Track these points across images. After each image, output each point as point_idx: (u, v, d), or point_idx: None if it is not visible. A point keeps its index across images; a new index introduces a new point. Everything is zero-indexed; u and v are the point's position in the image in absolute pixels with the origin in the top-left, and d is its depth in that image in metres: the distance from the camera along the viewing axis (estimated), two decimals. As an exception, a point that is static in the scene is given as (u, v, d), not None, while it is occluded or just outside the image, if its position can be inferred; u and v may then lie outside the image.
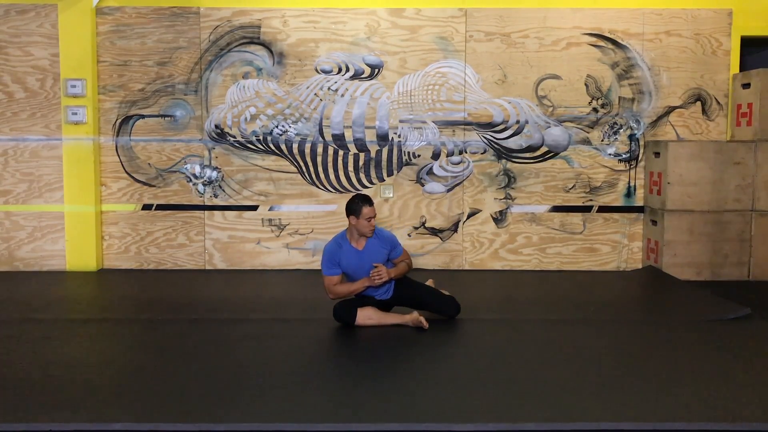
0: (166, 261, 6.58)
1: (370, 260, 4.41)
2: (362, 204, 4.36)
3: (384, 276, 4.36)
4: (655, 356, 3.91)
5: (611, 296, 5.56)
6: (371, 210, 4.36)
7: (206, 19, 6.41)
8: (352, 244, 4.45)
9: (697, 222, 6.11)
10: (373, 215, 4.38)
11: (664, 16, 6.43)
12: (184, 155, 6.51)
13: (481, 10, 6.42)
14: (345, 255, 4.43)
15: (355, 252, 4.43)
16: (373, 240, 4.45)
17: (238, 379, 3.49)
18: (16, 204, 6.46)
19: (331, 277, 4.44)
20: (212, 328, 4.48)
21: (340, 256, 4.43)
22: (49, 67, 6.38)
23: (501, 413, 3.08)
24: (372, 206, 4.39)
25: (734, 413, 3.09)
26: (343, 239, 4.48)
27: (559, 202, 6.56)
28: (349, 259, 4.43)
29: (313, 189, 6.54)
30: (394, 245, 4.51)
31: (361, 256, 4.43)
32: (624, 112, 6.50)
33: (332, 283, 4.45)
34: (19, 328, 4.42)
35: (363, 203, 4.36)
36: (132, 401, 3.19)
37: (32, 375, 3.55)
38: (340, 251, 4.43)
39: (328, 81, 6.45)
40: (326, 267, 4.45)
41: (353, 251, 4.43)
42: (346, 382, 3.53)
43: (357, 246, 4.45)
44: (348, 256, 4.43)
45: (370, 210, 4.36)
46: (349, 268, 4.44)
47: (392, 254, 4.51)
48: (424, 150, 6.51)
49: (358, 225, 4.38)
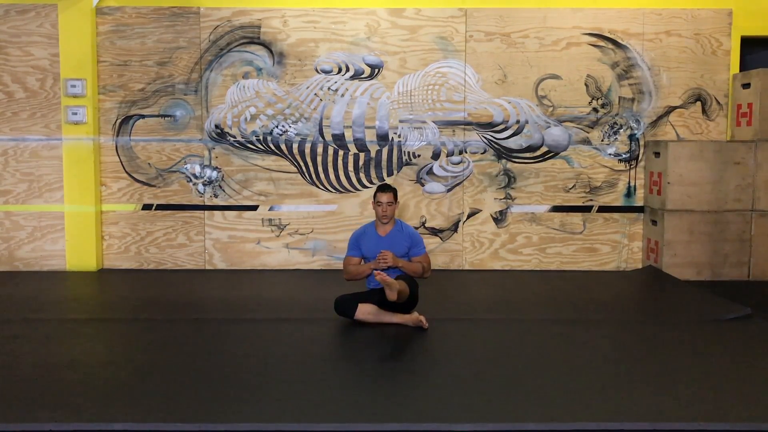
0: (166, 261, 6.58)
1: (390, 248, 4.59)
2: (378, 190, 4.68)
3: (389, 261, 4.50)
4: (655, 356, 3.91)
5: (611, 296, 5.56)
6: (384, 195, 4.63)
7: (206, 19, 6.41)
8: (377, 231, 4.70)
9: (697, 222, 6.11)
10: (387, 201, 4.61)
11: (664, 16, 6.43)
12: (184, 155, 6.51)
13: (481, 10, 6.42)
14: (367, 239, 4.68)
15: (377, 237, 4.67)
16: (397, 231, 4.69)
17: (238, 379, 3.49)
18: (16, 204, 6.46)
19: (350, 258, 4.72)
20: (212, 328, 4.48)
21: (362, 240, 4.69)
22: (49, 67, 6.38)
23: (501, 413, 3.08)
24: (387, 192, 4.64)
25: (734, 413, 3.09)
26: (371, 225, 4.77)
27: (559, 202, 6.56)
28: (369, 243, 4.66)
29: (313, 189, 6.54)
30: (416, 243, 4.70)
31: (382, 241, 4.65)
32: (624, 112, 6.50)
33: (348, 263, 4.72)
34: (19, 328, 4.41)
35: (379, 189, 4.69)
36: (132, 401, 3.19)
37: (32, 375, 3.55)
38: (363, 235, 4.71)
39: (328, 81, 6.45)
40: (349, 248, 4.75)
41: (375, 236, 4.68)
42: (347, 382, 3.53)
43: (380, 232, 4.69)
44: (369, 240, 4.67)
45: (383, 195, 4.63)
46: (369, 251, 4.66)
47: (412, 251, 4.69)
48: (424, 150, 6.51)
49: (375, 209, 4.68)
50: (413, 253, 4.68)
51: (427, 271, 4.72)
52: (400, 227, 4.72)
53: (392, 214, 4.68)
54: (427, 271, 4.72)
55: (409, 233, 4.71)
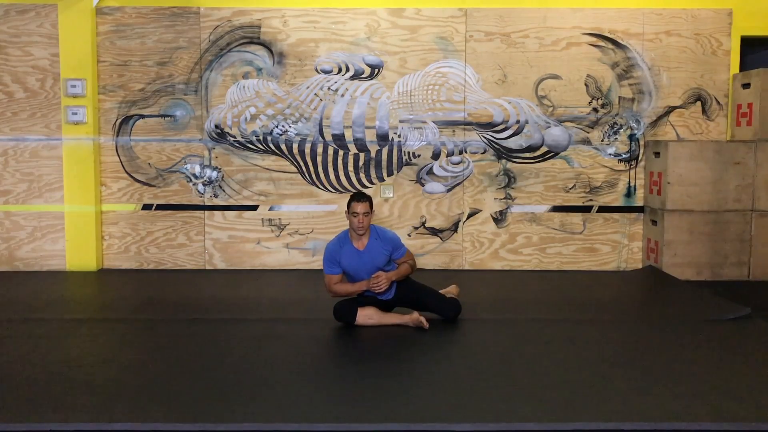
0: (166, 261, 6.58)
1: (371, 261, 4.41)
2: (352, 200, 4.39)
3: (383, 285, 4.36)
4: (655, 356, 3.91)
5: (611, 296, 5.56)
6: (359, 206, 4.34)
7: (206, 19, 6.41)
8: (353, 244, 4.45)
9: (697, 222, 6.11)
10: (364, 211, 4.34)
11: (664, 16, 6.43)
12: (184, 155, 6.51)
13: (481, 10, 6.42)
14: (345, 255, 4.43)
15: (356, 252, 4.43)
16: (375, 241, 4.44)
17: (238, 379, 3.49)
18: (16, 204, 6.46)
19: (331, 276, 4.46)
20: (212, 328, 4.48)
21: (340, 256, 4.43)
22: (49, 67, 6.38)
23: (501, 413, 3.08)
24: (362, 202, 4.36)
25: (734, 413, 3.09)
26: (345, 238, 4.48)
27: (559, 202, 6.56)
28: (349, 259, 4.43)
29: (313, 189, 6.54)
30: (397, 246, 4.49)
31: (362, 256, 4.42)
32: (624, 112, 6.50)
33: (332, 282, 4.47)
34: (19, 328, 4.42)
35: (353, 199, 4.39)
36: (132, 401, 3.19)
37: (32, 375, 3.55)
38: (340, 251, 4.43)
39: (328, 81, 6.45)
40: (327, 266, 4.46)
41: (353, 251, 4.43)
42: (346, 382, 3.53)
43: (358, 246, 4.44)
44: (348, 255, 4.43)
45: (358, 205, 4.34)
46: (350, 267, 4.45)
47: (394, 255, 4.49)
48: (424, 150, 6.51)
49: (349, 220, 4.41)
50: (395, 256, 4.48)
51: (414, 266, 4.58)
52: (376, 235, 4.46)
53: (368, 225, 4.40)
54: (414, 266, 4.58)
55: (387, 238, 4.46)
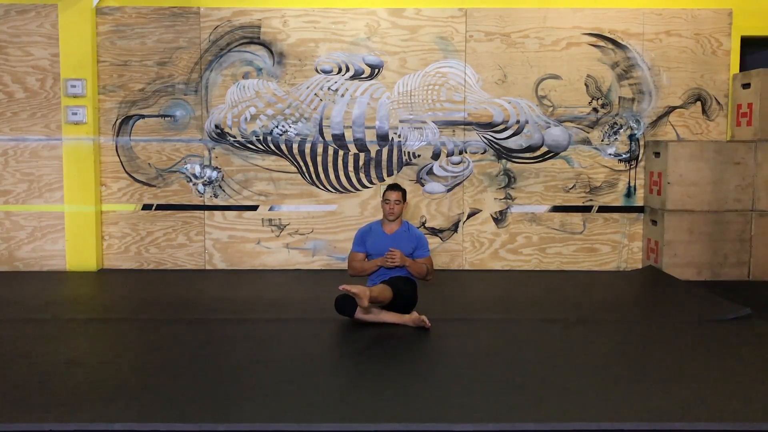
0: (166, 261, 6.58)
1: (395, 246, 4.64)
2: (387, 188, 4.82)
3: (397, 259, 4.55)
4: (655, 356, 3.91)
5: (611, 296, 5.56)
6: (392, 194, 4.73)
7: (206, 19, 6.41)
8: (383, 228, 4.79)
9: (697, 222, 6.11)
10: (395, 199, 4.71)
11: (664, 16, 6.43)
12: (184, 155, 6.51)
13: (481, 10, 6.42)
14: (373, 236, 4.76)
15: (384, 235, 4.75)
16: (403, 231, 4.77)
17: (238, 379, 3.49)
18: (16, 204, 6.46)
19: (355, 253, 4.78)
20: (212, 328, 4.48)
21: (368, 237, 4.76)
22: (49, 67, 6.37)
23: (501, 413, 3.08)
24: (395, 191, 4.74)
25: (734, 413, 3.09)
26: (377, 223, 4.86)
27: (559, 202, 6.56)
28: (375, 240, 4.73)
29: (313, 189, 6.54)
30: (422, 245, 4.76)
31: (388, 240, 4.71)
32: (624, 112, 6.50)
33: (353, 258, 4.78)
34: (19, 328, 4.41)
35: (388, 188, 4.82)
36: (132, 401, 3.19)
37: (33, 375, 3.55)
38: (370, 232, 4.79)
39: (328, 81, 6.45)
40: (354, 244, 4.81)
41: (382, 234, 4.76)
42: (346, 382, 3.53)
43: (387, 230, 4.77)
44: (375, 236, 4.75)
45: (392, 194, 4.74)
46: (374, 248, 4.71)
47: (416, 252, 4.73)
48: (424, 150, 6.51)
49: (382, 207, 4.79)
50: (417, 254, 4.73)
51: (431, 274, 4.75)
52: (407, 228, 4.81)
53: (399, 213, 4.75)
54: (431, 274, 4.75)
55: (416, 235, 4.79)
